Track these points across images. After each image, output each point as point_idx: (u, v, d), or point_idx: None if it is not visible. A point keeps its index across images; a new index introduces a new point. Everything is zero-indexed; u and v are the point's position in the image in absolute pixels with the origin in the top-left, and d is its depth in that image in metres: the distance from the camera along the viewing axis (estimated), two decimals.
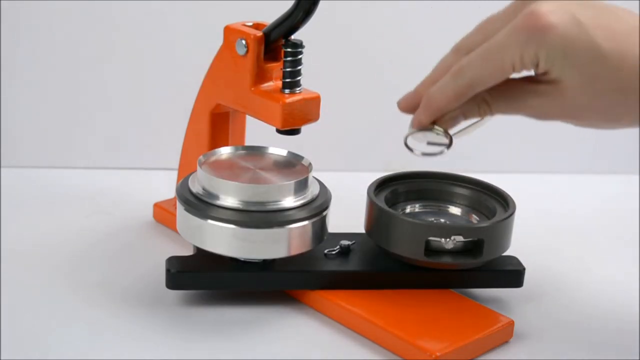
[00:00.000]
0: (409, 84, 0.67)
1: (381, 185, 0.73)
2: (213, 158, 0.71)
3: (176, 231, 0.70)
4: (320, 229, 0.68)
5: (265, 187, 0.66)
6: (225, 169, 0.69)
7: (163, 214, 0.81)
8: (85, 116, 0.97)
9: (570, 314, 0.71)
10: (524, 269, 0.71)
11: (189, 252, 0.71)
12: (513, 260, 0.71)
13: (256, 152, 0.72)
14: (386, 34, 1.00)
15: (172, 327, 0.66)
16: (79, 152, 0.96)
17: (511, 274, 0.70)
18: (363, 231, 0.72)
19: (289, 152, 0.72)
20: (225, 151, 0.72)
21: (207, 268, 0.67)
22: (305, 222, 0.66)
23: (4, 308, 0.66)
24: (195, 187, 0.68)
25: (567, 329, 0.69)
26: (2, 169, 0.92)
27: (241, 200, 0.66)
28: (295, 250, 0.67)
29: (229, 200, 0.66)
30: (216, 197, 0.66)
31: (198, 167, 0.68)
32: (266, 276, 0.68)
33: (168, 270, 0.67)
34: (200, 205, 0.66)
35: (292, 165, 0.70)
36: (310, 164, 0.70)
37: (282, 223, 0.65)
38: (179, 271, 0.67)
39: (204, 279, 0.67)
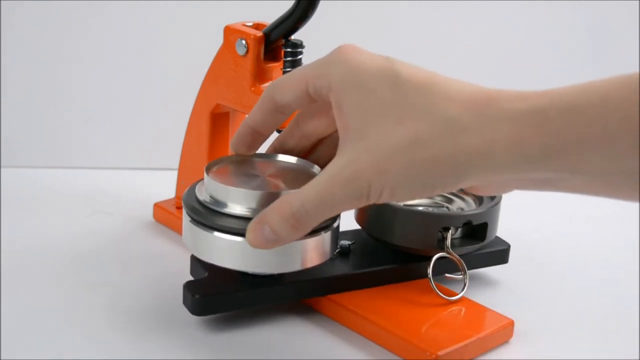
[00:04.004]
0: None
1: None
2: (220, 165, 0.67)
3: (176, 231, 0.70)
4: (334, 240, 0.64)
5: (275, 194, 0.61)
6: (233, 177, 0.64)
7: (163, 214, 0.81)
8: (86, 116, 0.97)
9: (570, 314, 0.71)
10: (509, 246, 0.73)
11: (188, 252, 0.71)
12: (498, 240, 0.74)
13: (265, 159, 0.67)
14: (385, 34, 1.00)
15: (171, 326, 0.66)
16: (79, 152, 0.96)
17: (500, 253, 0.73)
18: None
19: (298, 159, 0.68)
20: (232, 159, 0.68)
21: (229, 289, 0.65)
22: (319, 235, 0.62)
23: (3, 308, 0.66)
24: (203, 195, 0.64)
25: (567, 329, 0.69)
26: (2, 169, 0.92)
27: (250, 207, 0.61)
28: (310, 263, 0.63)
29: (237, 208, 0.62)
30: (224, 205, 0.62)
31: (205, 175, 0.64)
32: (281, 289, 0.66)
33: (193, 296, 0.63)
34: (208, 214, 0.62)
35: (302, 172, 0.66)
36: (320, 171, 0.67)
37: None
38: (204, 296, 0.64)
39: (228, 300, 0.65)
